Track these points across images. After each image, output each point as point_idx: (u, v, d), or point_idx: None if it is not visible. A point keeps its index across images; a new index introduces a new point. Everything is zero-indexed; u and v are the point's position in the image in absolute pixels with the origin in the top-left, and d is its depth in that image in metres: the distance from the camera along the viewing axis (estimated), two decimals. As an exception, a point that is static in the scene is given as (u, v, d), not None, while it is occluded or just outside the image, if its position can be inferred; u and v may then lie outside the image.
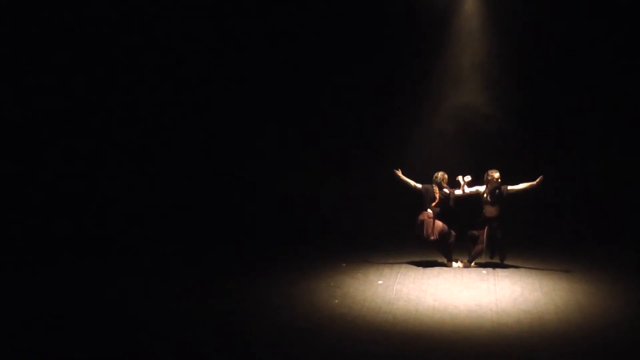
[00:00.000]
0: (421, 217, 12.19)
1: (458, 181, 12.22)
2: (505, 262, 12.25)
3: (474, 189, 12.23)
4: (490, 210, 12.13)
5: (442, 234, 12.15)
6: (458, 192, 12.22)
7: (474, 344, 8.73)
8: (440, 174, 12.26)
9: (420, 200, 12.28)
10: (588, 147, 14.41)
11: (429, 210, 12.16)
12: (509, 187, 12.04)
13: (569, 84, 14.38)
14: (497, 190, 12.03)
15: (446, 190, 12.20)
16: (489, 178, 12.09)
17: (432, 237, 12.11)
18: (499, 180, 12.03)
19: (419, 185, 12.29)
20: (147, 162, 15.04)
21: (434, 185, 12.22)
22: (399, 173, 12.29)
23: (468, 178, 12.22)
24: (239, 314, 9.82)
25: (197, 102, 15.20)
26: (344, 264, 12.35)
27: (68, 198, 14.59)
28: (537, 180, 11.90)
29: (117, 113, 14.98)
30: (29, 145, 14.68)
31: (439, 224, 12.13)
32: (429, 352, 8.55)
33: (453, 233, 12.22)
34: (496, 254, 12.22)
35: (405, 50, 14.64)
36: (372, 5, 14.56)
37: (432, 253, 12.65)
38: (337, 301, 10.36)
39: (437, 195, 12.15)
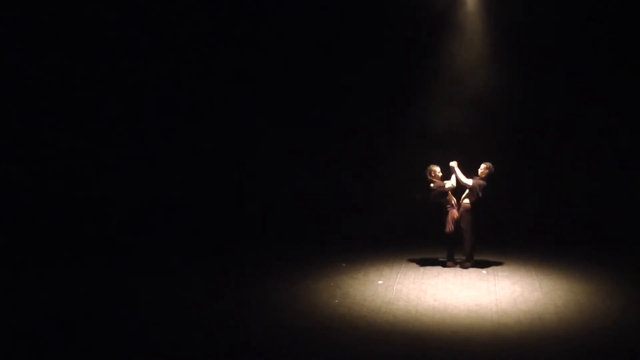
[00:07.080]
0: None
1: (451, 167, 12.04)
2: (470, 262, 12.08)
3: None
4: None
5: (456, 226, 11.96)
6: (448, 185, 12.02)
7: (474, 344, 8.74)
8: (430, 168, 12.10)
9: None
10: (588, 146, 14.37)
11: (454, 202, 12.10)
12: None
13: (569, 83, 14.35)
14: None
15: (432, 185, 12.03)
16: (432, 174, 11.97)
17: (446, 229, 12.02)
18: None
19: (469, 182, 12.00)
20: (148, 162, 15.02)
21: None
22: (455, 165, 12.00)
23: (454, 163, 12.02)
24: (240, 314, 9.82)
25: (197, 102, 15.18)
26: (344, 264, 12.34)
27: (68, 198, 14.60)
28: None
29: (118, 113, 14.98)
30: (28, 145, 14.68)
31: (453, 216, 11.93)
32: (429, 352, 8.55)
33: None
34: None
35: (404, 51, 14.63)
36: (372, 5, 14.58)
37: (431, 253, 12.67)
38: (337, 301, 10.37)
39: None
